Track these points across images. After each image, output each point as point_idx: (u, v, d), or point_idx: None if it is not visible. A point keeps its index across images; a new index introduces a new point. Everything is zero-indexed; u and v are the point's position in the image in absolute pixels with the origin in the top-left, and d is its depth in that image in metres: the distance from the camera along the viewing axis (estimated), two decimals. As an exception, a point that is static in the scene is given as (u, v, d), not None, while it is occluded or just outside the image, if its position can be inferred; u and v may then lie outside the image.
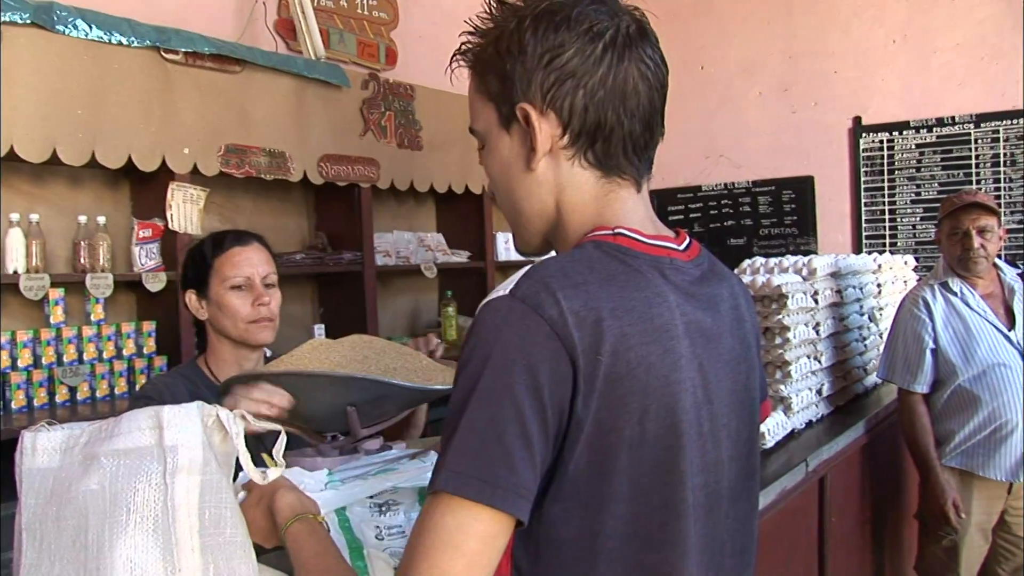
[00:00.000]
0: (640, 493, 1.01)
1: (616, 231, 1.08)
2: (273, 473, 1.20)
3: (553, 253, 1.16)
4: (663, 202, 5.87)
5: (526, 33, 1.07)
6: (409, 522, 1.43)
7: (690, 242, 1.17)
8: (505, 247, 5.31)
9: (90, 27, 3.17)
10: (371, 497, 1.45)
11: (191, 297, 2.21)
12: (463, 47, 1.15)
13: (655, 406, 1.00)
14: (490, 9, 1.13)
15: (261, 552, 1.24)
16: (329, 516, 1.36)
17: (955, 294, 3.32)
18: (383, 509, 1.45)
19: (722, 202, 5.82)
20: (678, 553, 1.05)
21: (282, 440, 1.24)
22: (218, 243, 2.22)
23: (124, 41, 3.28)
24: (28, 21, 2.99)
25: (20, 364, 3.22)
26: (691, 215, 5.88)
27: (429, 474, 0.99)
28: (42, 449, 1.19)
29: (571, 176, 1.11)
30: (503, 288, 1.00)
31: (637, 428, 0.99)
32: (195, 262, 2.22)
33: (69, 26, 3.11)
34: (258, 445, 1.33)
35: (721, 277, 1.19)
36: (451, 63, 1.17)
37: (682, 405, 1.04)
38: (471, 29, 1.14)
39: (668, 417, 1.02)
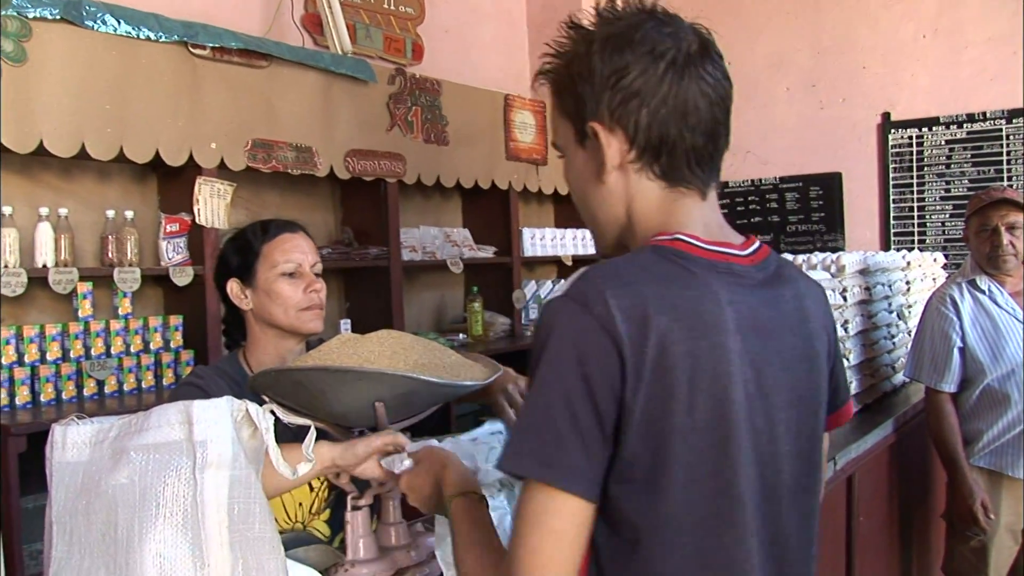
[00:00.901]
0: (696, 481, 1.08)
1: (675, 236, 1.15)
2: (304, 468, 1.20)
3: None
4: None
5: (594, 57, 1.16)
6: None
7: (758, 247, 1.23)
8: (531, 242, 5.29)
9: (118, 22, 3.19)
10: None
11: (233, 286, 2.10)
12: (544, 67, 1.25)
13: (703, 397, 1.06)
14: (567, 33, 1.21)
15: (288, 547, 1.25)
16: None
17: (983, 292, 3.27)
18: None
19: (749, 199, 5.78)
20: (738, 542, 1.11)
21: (311, 435, 1.24)
22: (265, 229, 2.14)
23: (152, 36, 3.29)
24: (57, 16, 3.01)
25: (49, 357, 3.24)
26: (717, 211, 5.84)
27: None
28: (72, 443, 1.20)
29: (639, 187, 1.19)
30: (561, 288, 1.10)
31: (687, 418, 1.06)
32: (240, 249, 2.12)
33: (98, 21, 3.12)
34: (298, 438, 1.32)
35: (787, 280, 1.24)
36: (534, 82, 1.29)
37: (732, 398, 1.09)
38: (552, 51, 1.23)
39: (717, 408, 1.08)
